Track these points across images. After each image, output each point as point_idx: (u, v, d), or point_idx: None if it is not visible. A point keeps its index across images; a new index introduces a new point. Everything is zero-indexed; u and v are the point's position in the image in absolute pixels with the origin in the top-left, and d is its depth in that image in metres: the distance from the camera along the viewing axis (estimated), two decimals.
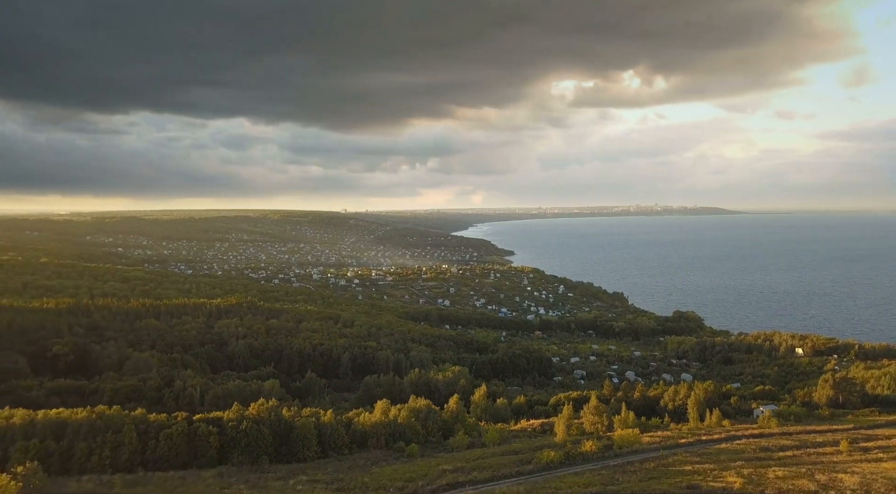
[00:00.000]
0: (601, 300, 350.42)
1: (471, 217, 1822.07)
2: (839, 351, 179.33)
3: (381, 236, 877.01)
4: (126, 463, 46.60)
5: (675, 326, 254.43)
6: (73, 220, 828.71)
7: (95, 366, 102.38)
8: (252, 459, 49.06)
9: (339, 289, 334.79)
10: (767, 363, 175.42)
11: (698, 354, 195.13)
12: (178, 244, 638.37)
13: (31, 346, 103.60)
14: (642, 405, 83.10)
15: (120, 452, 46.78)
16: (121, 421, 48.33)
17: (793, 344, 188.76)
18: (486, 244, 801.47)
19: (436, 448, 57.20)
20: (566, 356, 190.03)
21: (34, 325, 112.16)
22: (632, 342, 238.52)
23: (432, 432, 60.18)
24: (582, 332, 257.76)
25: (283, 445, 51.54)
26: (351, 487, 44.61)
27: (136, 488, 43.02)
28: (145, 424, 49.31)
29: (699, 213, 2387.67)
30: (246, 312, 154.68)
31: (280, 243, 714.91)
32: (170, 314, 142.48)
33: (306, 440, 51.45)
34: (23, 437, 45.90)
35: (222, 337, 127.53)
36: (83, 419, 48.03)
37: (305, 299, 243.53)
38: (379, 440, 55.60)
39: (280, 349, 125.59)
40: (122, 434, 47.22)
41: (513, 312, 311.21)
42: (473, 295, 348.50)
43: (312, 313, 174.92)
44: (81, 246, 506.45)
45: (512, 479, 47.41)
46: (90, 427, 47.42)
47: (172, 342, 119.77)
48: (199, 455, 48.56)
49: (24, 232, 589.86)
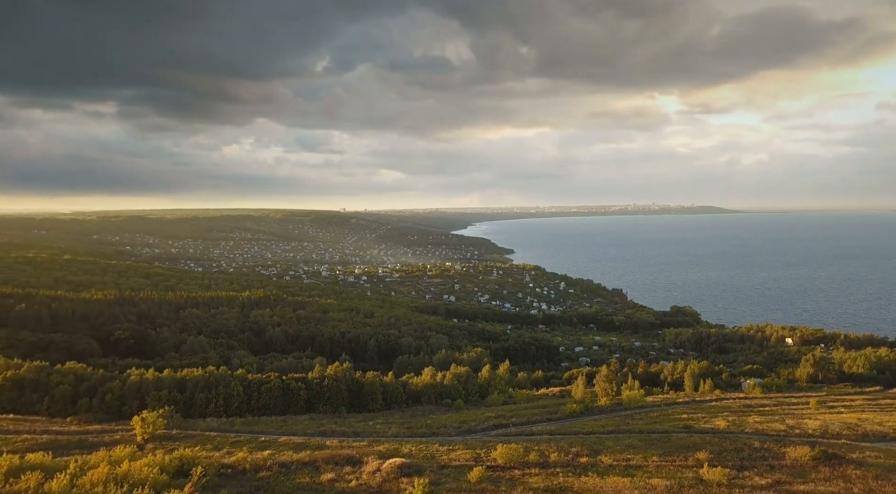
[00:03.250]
0: (601, 297, 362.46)
1: (469, 216, 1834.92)
2: (826, 341, 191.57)
3: (383, 235, 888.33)
4: (236, 410, 58.24)
5: (672, 320, 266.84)
6: (79, 219, 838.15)
7: (153, 349, 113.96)
8: (333, 409, 60.70)
9: (348, 285, 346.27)
10: (758, 351, 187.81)
11: (695, 344, 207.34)
12: (185, 243, 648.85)
13: (95, 331, 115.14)
14: (645, 379, 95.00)
15: (230, 401, 58.37)
16: (228, 378, 59.92)
17: (783, 335, 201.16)
18: (486, 243, 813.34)
19: (476, 404, 68.89)
20: (571, 346, 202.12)
21: (94, 313, 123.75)
22: (631, 334, 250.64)
23: (471, 393, 72.00)
24: (583, 326, 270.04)
25: (356, 399, 63.24)
26: (418, 427, 56.49)
27: (251, 426, 54.77)
28: (246, 381, 60.92)
29: (697, 212, 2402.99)
30: (275, 304, 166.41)
31: (284, 242, 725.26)
32: (207, 305, 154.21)
33: (374, 395, 63.12)
34: (154, 389, 57.40)
35: (259, 325, 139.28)
36: (199, 376, 59.51)
37: (320, 294, 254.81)
38: (430, 397, 67.40)
39: (312, 336, 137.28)
40: (230, 387, 58.78)
41: (516, 307, 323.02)
42: (478, 291, 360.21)
43: (333, 305, 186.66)
44: (91, 244, 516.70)
45: (543, 423, 59.41)
46: (205, 382, 58.92)
47: (216, 328, 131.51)
48: (292, 405, 60.26)
49: (32, 231, 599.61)
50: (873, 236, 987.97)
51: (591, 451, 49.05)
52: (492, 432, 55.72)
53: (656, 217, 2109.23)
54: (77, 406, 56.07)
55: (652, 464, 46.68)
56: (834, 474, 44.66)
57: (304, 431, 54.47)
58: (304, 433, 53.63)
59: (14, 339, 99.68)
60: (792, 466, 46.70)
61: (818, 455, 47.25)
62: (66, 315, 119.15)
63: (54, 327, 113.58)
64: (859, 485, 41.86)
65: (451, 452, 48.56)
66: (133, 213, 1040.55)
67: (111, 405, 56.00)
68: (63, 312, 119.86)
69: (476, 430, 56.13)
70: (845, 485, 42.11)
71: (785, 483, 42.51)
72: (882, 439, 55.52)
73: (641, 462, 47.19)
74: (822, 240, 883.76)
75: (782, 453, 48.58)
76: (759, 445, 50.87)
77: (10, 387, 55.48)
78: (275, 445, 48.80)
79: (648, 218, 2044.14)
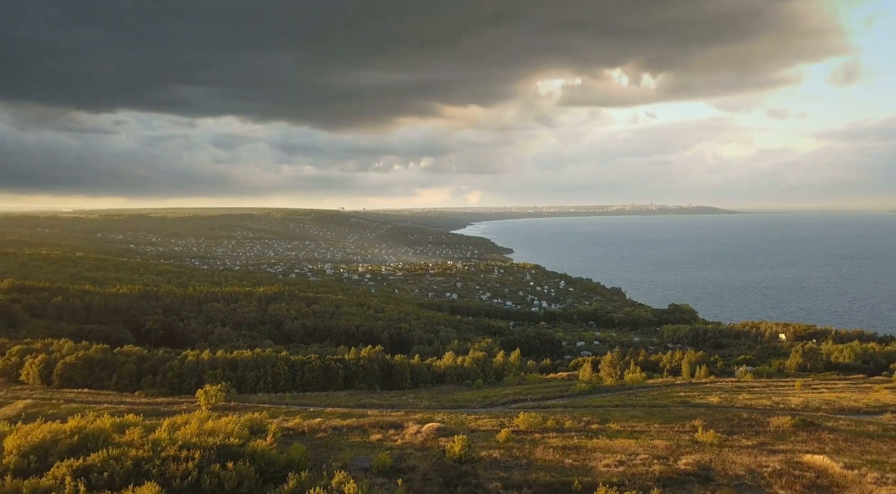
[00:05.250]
0: (600, 295, 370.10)
1: (468, 216, 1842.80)
2: (818, 336, 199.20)
3: (383, 234, 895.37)
4: (283, 387, 65.35)
5: (670, 317, 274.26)
6: (82, 217, 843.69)
7: (182, 339, 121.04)
8: (368, 386, 67.93)
9: (352, 283, 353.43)
10: (752, 346, 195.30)
11: (692, 339, 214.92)
12: (187, 241, 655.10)
13: (127, 322, 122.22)
14: (645, 366, 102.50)
15: (278, 379, 65.51)
16: (274, 359, 67.13)
17: (776, 331, 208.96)
18: (486, 242, 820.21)
19: (493, 384, 76.09)
20: (572, 341, 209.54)
21: (125, 306, 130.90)
22: (630, 331, 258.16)
23: (489, 375, 79.33)
24: (584, 323, 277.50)
25: (387, 378, 70.53)
26: (445, 401, 63.64)
27: (298, 399, 61.85)
28: (290, 361, 68.14)
29: (695, 212, 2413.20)
30: (289, 299, 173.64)
31: (286, 241, 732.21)
32: (227, 300, 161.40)
33: (403, 375, 70.40)
34: (210, 368, 64.49)
35: (277, 318, 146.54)
36: (248, 357, 66.71)
37: (328, 291, 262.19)
38: (452, 377, 74.73)
39: (328, 329, 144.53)
40: (276, 366, 65.93)
41: (517, 305, 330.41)
42: (479, 290, 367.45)
43: (344, 301, 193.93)
44: (96, 242, 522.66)
45: (556, 399, 66.62)
46: (254, 362, 66.09)
47: (238, 321, 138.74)
48: (331, 382, 67.42)
49: (36, 229, 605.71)
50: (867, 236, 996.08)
51: (600, 420, 56.13)
52: (511, 405, 62.84)
53: (654, 217, 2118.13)
54: (141, 383, 63.09)
55: (654, 430, 53.79)
56: (810, 437, 51.78)
57: (345, 404, 61.54)
58: (346, 405, 60.70)
59: (54, 329, 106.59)
60: (774, 431, 53.85)
61: (797, 422, 54.42)
62: (98, 308, 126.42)
63: (88, 318, 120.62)
64: (831, 445, 48.90)
65: (478, 420, 55.64)
66: (134, 211, 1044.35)
67: (172, 382, 63.08)
68: (96, 304, 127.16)
69: (497, 404, 63.28)
70: (819, 445, 49.20)
71: (767, 443, 49.51)
72: (856, 413, 62.68)
73: (644, 428, 54.27)
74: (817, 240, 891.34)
75: (767, 421, 55.70)
76: (746, 416, 58.03)
77: (81, 366, 62.47)
78: (323, 414, 55.91)
79: (646, 218, 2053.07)
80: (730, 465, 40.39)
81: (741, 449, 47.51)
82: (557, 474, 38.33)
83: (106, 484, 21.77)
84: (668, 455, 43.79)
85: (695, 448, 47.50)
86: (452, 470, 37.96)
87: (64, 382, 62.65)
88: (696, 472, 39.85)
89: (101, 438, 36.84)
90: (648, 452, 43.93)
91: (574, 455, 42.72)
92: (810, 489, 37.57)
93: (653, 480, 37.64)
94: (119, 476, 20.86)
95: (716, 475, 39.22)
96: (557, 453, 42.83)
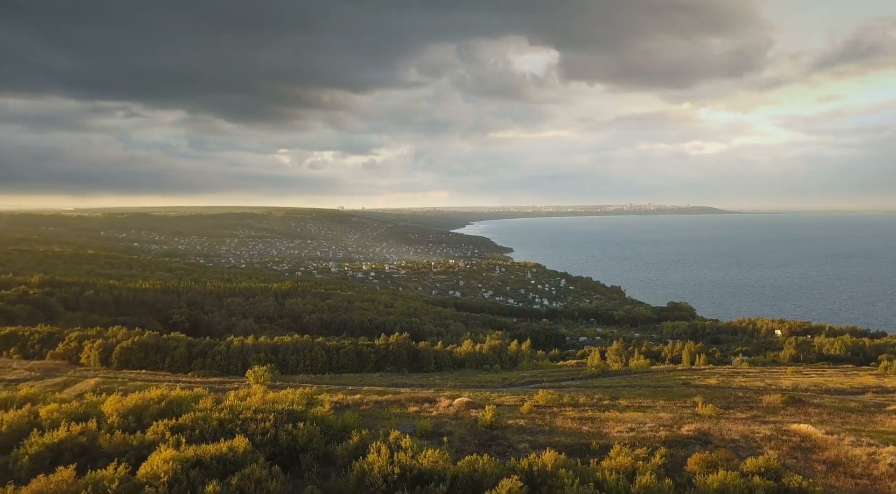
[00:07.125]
0: (600, 293, 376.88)
1: (467, 215, 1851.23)
2: (812, 332, 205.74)
3: (384, 233, 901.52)
4: (321, 369, 71.77)
5: (669, 315, 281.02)
6: (85, 216, 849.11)
7: (207, 331, 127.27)
8: (397, 369, 74.44)
9: (357, 281, 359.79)
10: (749, 340, 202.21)
11: (690, 335, 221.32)
12: (190, 240, 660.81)
13: (155, 315, 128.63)
14: (648, 355, 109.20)
15: (316, 362, 71.94)
16: (312, 344, 73.63)
17: (772, 327, 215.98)
18: (486, 241, 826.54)
19: (510, 369, 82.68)
20: (575, 336, 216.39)
21: (151, 299, 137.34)
22: (631, 327, 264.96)
23: (504, 361, 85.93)
24: (585, 320, 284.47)
25: (414, 362, 77.04)
26: (469, 382, 70.20)
27: (336, 379, 68.39)
28: (325, 346, 74.62)
29: (693, 212, 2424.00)
30: (304, 294, 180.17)
31: (288, 240, 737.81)
32: (244, 295, 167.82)
33: (427, 359, 76.90)
34: (254, 352, 70.94)
35: (295, 312, 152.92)
36: (289, 343, 73.17)
37: (336, 288, 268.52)
38: (472, 363, 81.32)
39: (343, 322, 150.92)
40: (314, 351, 72.39)
41: (519, 303, 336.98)
42: (482, 288, 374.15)
43: (355, 297, 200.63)
44: (100, 240, 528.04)
45: (569, 380, 73.19)
46: (294, 347, 72.54)
47: (258, 315, 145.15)
48: (364, 365, 73.92)
49: (40, 227, 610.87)
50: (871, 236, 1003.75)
51: (611, 397, 62.71)
52: (529, 385, 69.49)
53: (652, 217, 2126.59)
54: (192, 364, 69.52)
55: (659, 405, 60.39)
56: (798, 411, 58.46)
57: (379, 383, 68.13)
58: (380, 384, 67.26)
59: (89, 320, 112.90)
60: (766, 407, 60.54)
61: (787, 399, 61.08)
62: (127, 301, 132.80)
63: (118, 311, 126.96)
64: (816, 418, 55.54)
65: (501, 397, 62.19)
66: (136, 210, 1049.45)
67: (220, 364, 69.48)
68: (124, 298, 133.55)
69: (516, 384, 69.89)
70: (805, 418, 55.84)
71: (760, 416, 56.10)
72: (840, 393, 69.31)
73: (651, 404, 60.87)
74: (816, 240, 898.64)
75: (760, 399, 62.33)
76: (742, 394, 64.66)
77: (137, 349, 68.85)
78: (361, 391, 62.43)
79: (645, 218, 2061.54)
80: (726, 432, 47.16)
81: (736, 420, 54.18)
82: (576, 438, 45.24)
83: (198, 439, 26.50)
84: (672, 424, 50.41)
85: (696, 419, 54.15)
86: (485, 434, 45.00)
87: (122, 364, 69.04)
88: (697, 437, 46.81)
89: (185, 404, 43.41)
90: (655, 422, 50.64)
91: (590, 423, 49.47)
92: (795, 449, 44.43)
93: (660, 442, 44.50)
94: (208, 432, 24.52)
95: (714, 439, 46.13)
96: (575, 422, 49.63)
